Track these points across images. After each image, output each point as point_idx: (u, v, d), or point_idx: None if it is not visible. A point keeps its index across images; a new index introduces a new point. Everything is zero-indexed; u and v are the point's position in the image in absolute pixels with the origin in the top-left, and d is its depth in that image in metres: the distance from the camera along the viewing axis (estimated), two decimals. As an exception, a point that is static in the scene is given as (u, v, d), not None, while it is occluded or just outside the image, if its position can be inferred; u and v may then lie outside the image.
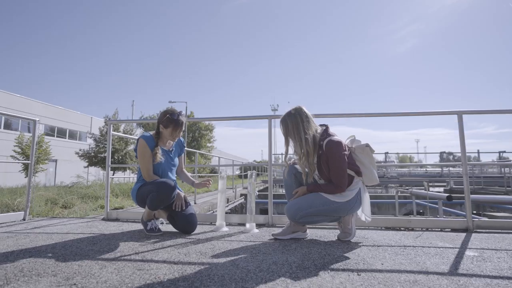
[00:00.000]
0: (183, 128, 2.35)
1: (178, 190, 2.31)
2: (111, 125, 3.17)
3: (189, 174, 2.59)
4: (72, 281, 1.26)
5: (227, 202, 7.99)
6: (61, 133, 23.82)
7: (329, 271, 1.41)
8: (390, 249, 1.84)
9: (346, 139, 2.18)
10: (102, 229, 2.46)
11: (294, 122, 2.04)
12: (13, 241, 2.04)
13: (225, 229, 2.46)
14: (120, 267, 1.46)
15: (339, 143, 1.98)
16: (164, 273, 1.37)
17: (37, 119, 3.23)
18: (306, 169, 2.05)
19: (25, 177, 16.71)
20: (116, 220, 2.99)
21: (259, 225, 2.66)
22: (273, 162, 2.81)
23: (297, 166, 2.19)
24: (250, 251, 1.77)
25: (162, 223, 2.64)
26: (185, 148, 2.70)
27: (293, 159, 2.33)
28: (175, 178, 2.50)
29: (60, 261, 1.56)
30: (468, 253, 1.75)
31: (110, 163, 3.15)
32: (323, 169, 2.00)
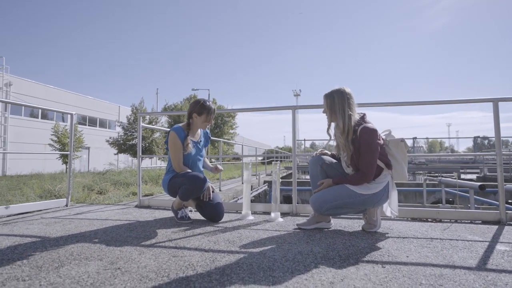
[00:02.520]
0: (214, 115, 2.48)
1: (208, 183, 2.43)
2: (141, 117, 3.32)
3: (208, 161, 2.70)
4: (117, 265, 1.40)
5: (251, 189, 8.16)
6: (92, 122, 25.04)
7: (353, 262, 1.45)
8: (416, 241, 1.84)
9: (382, 132, 2.16)
10: (136, 216, 2.64)
11: (341, 97, 2.05)
12: (60, 226, 2.25)
13: (251, 217, 2.56)
14: (156, 253, 1.58)
15: (374, 131, 1.97)
16: (197, 260, 1.47)
17: (74, 112, 3.44)
18: (344, 151, 2.05)
19: (62, 164, 17.90)
20: (148, 207, 3.18)
21: (283, 214, 2.73)
22: (296, 152, 2.83)
23: (324, 157, 2.19)
24: (276, 240, 1.84)
25: (191, 211, 2.78)
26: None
27: (320, 149, 2.35)
28: (202, 169, 2.62)
29: (104, 246, 1.72)
30: (499, 247, 1.72)
31: (141, 154, 3.32)
32: (354, 156, 2.01)
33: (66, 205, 3.31)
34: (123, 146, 18.68)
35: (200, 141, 2.55)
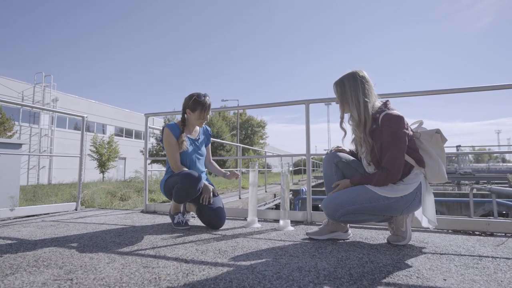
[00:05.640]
0: (210, 111, 2.24)
1: (205, 182, 2.18)
2: (148, 118, 3.20)
3: (217, 166, 2.45)
4: (72, 275, 1.17)
5: (274, 197, 7.78)
6: (128, 133, 26.33)
7: (367, 284, 1.09)
8: (458, 259, 1.41)
9: (411, 123, 1.77)
10: (135, 221, 2.46)
11: (352, 83, 1.70)
12: (53, 229, 2.12)
13: (257, 225, 2.25)
14: (127, 262, 1.34)
15: (399, 117, 1.59)
16: (168, 273, 1.20)
17: (85, 116, 3.42)
18: (363, 146, 1.70)
19: (100, 173, 18.86)
20: (154, 212, 3.00)
21: (297, 222, 2.39)
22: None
23: (340, 154, 1.84)
24: (276, 252, 1.52)
25: (193, 217, 2.54)
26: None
27: (335, 146, 2.00)
28: (204, 169, 2.38)
29: (78, 252, 1.52)
30: None
31: (148, 156, 3.18)
32: (375, 151, 1.64)
33: (76, 209, 3.24)
34: (156, 156, 19.30)
35: (199, 138, 2.31)
